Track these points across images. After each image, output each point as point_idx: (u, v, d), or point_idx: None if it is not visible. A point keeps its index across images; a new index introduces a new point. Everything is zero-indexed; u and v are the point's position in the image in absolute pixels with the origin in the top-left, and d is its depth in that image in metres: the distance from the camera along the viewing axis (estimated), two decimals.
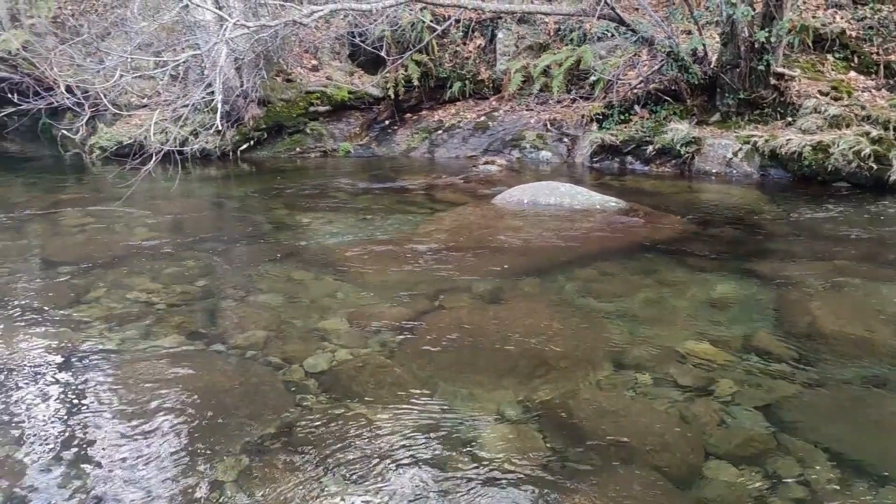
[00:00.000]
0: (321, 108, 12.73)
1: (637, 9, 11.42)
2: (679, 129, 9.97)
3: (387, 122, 13.22)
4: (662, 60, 10.41)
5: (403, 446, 3.40)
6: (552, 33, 12.61)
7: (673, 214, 7.54)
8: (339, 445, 3.42)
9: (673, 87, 10.58)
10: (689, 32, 10.68)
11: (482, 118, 12.43)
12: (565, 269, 5.93)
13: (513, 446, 3.38)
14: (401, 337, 4.63)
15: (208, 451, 3.41)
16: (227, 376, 4.21)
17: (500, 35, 12.86)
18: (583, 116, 11.37)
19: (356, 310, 5.11)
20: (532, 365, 4.21)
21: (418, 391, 3.92)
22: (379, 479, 3.18)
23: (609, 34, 11.62)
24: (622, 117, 10.89)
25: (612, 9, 9.69)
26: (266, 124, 12.32)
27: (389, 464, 3.28)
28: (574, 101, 11.88)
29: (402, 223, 7.59)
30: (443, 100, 13.15)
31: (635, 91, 10.93)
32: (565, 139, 11.44)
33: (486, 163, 11.07)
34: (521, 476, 3.16)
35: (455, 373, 4.14)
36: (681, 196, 8.62)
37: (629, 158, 10.55)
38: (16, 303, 5.44)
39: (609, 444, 3.39)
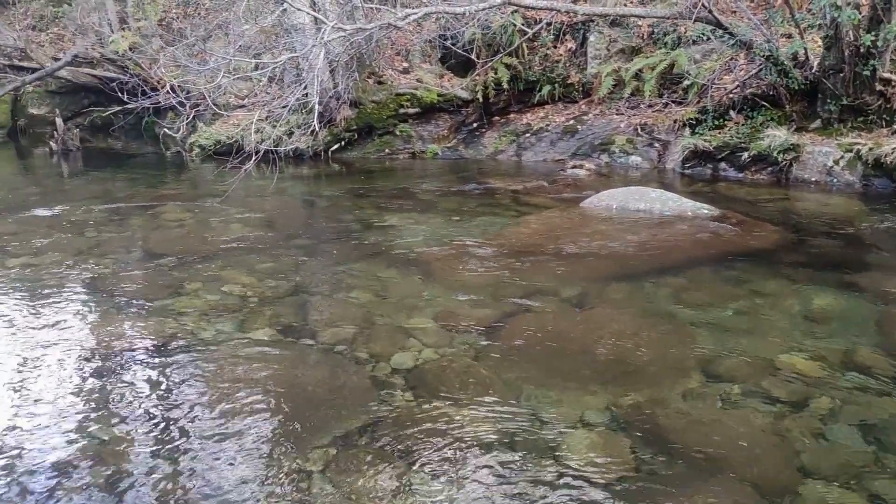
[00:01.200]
0: (411, 110, 12.88)
1: (735, 11, 11.11)
2: (777, 136, 9.64)
3: (475, 125, 13.26)
4: (761, 64, 10.09)
5: (486, 447, 3.42)
6: (645, 36, 12.38)
7: (768, 223, 7.30)
8: (422, 442, 3.47)
9: (771, 93, 10.24)
10: (790, 36, 10.32)
11: (571, 122, 12.33)
12: (654, 276, 5.82)
13: (598, 453, 3.35)
14: (487, 338, 4.65)
15: (297, 441, 3.50)
16: (315, 370, 4.32)
17: (591, 38, 12.72)
18: (675, 121, 11.13)
19: (442, 310, 5.15)
20: (619, 371, 4.15)
21: (503, 393, 3.92)
22: (461, 477, 3.20)
23: (705, 37, 11.33)
24: (716, 122, 10.61)
25: (710, 11, 9.45)
26: (357, 125, 12.55)
27: (471, 463, 3.30)
28: (666, 105, 11.64)
29: (488, 225, 7.61)
30: (531, 103, 13.10)
31: (731, 96, 10.63)
32: (656, 144, 11.23)
33: (574, 167, 10.96)
34: (607, 483, 3.13)
35: (540, 376, 4.13)
36: (777, 204, 8.33)
37: (722, 165, 10.27)
38: (119, 292, 5.72)
39: (698, 455, 3.31)
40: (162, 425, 3.71)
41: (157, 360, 4.49)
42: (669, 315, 5.02)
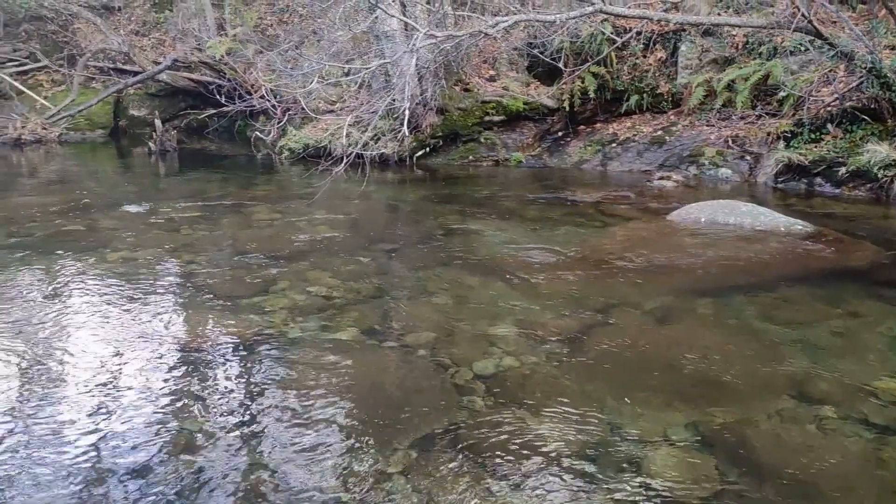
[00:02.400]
0: (496, 118, 12.90)
1: (836, 22, 10.70)
2: (878, 151, 9.23)
3: (560, 134, 13.19)
4: (862, 77, 9.68)
5: (566, 458, 3.38)
6: (739, 46, 12.06)
7: (866, 241, 6.99)
8: (502, 450, 3.46)
9: (872, 106, 9.81)
10: (894, 48, 9.88)
11: (659, 132, 12.12)
12: (744, 292, 5.65)
13: (682, 471, 3.27)
14: (568, 348, 4.60)
15: (378, 442, 3.55)
16: (398, 372, 4.36)
17: (682, 48, 12.48)
18: (768, 134, 10.79)
19: (524, 318, 5.13)
20: (705, 388, 4.05)
21: (584, 404, 3.88)
22: (540, 487, 3.18)
23: (802, 48, 10.96)
24: (812, 136, 10.24)
25: (809, 21, 9.13)
26: (442, 132, 12.65)
27: (550, 474, 3.27)
28: (759, 117, 11.30)
29: (571, 235, 7.54)
30: (618, 113, 12.94)
31: (829, 108, 10.24)
32: (747, 157, 10.91)
33: (661, 178, 10.76)
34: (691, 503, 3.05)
35: (623, 390, 4.06)
36: (876, 222, 7.97)
37: (818, 180, 9.90)
38: (210, 288, 5.92)
39: (789, 479, 3.20)
40: (245, 420, 3.82)
41: (243, 356, 4.62)
42: (759, 333, 4.86)
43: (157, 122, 14.48)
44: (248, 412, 3.90)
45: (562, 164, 12.48)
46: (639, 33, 12.35)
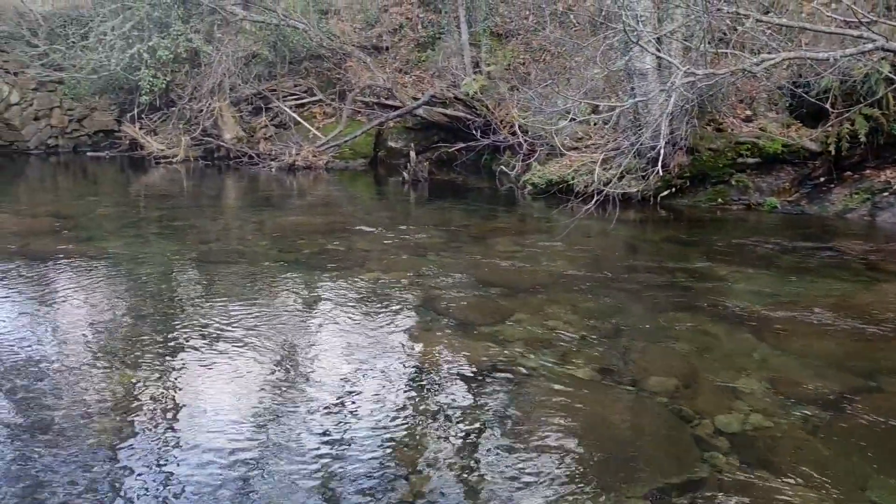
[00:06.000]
0: (750, 160, 12.20)
1: None
2: None
3: (821, 180, 12.16)
4: None
5: None
6: None
7: None
8: None
9: None
10: None
11: None
12: None
13: None
14: (826, 413, 4.20)
15: (609, 488, 3.46)
16: (633, 416, 4.24)
17: None
18: None
19: (775, 374, 4.77)
20: None
21: (843, 479, 3.51)
22: None
23: None
24: None
25: None
26: (690, 173, 12.19)
27: None
28: None
29: (832, 289, 6.90)
30: (892, 159, 11.69)
31: None
32: None
33: None
34: None
35: (891, 467, 3.62)
36: None
37: None
38: (451, 313, 6.16)
39: None
40: (472, 447, 3.90)
41: (476, 382, 4.74)
42: None
43: (412, 154, 15.40)
44: (476, 439, 3.99)
45: (822, 211, 11.50)
46: None
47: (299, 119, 17.59)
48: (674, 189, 12.26)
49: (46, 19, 18.57)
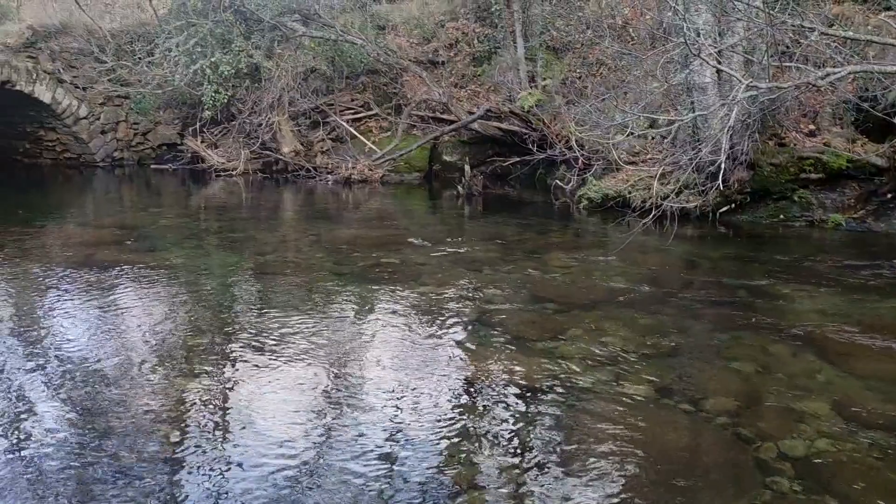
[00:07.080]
0: (813, 176, 11.88)
1: None
2: None
3: (889, 196, 11.77)
4: None
5: None
6: None
7: None
8: None
9: None
10: None
11: None
12: None
13: None
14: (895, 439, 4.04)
15: None
16: (692, 438, 4.15)
17: None
18: None
19: (841, 397, 4.62)
20: None
21: None
22: None
23: None
24: None
25: None
26: (750, 188, 11.92)
27: None
28: None
29: None
30: None
31: None
32: None
33: None
34: None
35: None
36: None
37: None
38: (505, 327, 6.13)
39: None
40: (525, 465, 3.86)
41: (529, 398, 4.69)
42: None
43: (466, 168, 15.42)
44: (530, 458, 3.95)
45: (890, 229, 11.12)
46: None
47: (355, 133, 17.78)
48: (734, 205, 12.00)
49: (114, 36, 19.17)
